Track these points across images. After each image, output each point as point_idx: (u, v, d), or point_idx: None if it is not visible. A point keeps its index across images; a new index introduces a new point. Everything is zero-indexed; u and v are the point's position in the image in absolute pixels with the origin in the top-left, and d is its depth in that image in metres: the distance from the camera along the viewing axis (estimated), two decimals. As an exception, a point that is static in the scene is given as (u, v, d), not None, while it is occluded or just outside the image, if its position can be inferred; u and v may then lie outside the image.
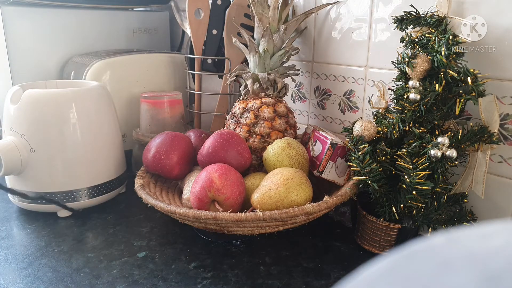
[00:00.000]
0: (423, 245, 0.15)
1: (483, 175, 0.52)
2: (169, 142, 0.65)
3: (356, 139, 0.55)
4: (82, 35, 0.91)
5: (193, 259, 0.55)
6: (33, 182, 0.63)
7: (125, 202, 0.72)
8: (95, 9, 0.93)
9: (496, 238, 0.14)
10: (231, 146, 0.61)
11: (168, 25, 1.08)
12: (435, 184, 0.50)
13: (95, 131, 0.65)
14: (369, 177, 0.53)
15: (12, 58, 0.82)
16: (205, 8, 0.82)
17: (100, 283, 0.49)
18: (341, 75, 0.72)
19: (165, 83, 0.89)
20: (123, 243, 0.58)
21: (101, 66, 0.79)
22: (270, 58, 0.68)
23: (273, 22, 0.67)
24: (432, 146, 0.49)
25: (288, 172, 0.56)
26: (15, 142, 0.62)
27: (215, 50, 0.84)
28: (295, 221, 0.53)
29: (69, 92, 0.63)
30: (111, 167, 0.69)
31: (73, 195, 0.64)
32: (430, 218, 0.53)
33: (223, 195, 0.54)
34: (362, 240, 0.58)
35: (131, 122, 0.83)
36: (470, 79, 0.48)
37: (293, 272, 0.53)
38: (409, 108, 0.52)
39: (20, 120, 0.62)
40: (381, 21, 0.64)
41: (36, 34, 0.84)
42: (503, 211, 0.55)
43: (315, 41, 0.75)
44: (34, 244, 0.58)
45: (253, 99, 0.68)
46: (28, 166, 0.62)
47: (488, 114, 0.50)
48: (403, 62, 0.52)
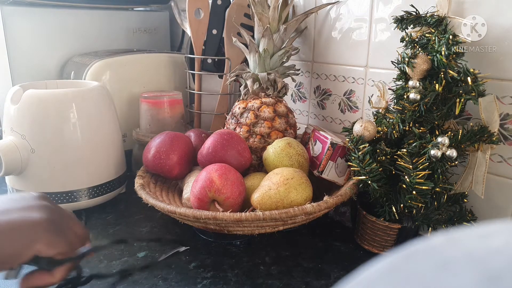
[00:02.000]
0: (423, 245, 0.15)
1: (483, 175, 0.52)
2: (169, 142, 0.65)
3: (356, 139, 0.55)
4: (82, 35, 0.91)
5: (193, 259, 0.55)
6: (33, 182, 0.63)
7: (125, 202, 0.72)
8: (95, 9, 0.93)
9: (496, 238, 0.14)
10: (231, 146, 0.61)
11: (168, 25, 1.08)
12: (435, 184, 0.50)
13: (95, 131, 0.65)
14: (369, 177, 0.53)
15: (12, 58, 0.82)
16: (205, 8, 0.82)
17: (100, 283, 0.49)
18: (341, 75, 0.72)
19: (165, 83, 0.89)
20: (123, 243, 0.58)
21: (101, 66, 0.79)
22: (270, 58, 0.68)
23: (273, 22, 0.67)
24: (432, 146, 0.49)
25: (288, 172, 0.56)
26: (16, 142, 0.62)
27: (215, 50, 0.84)
28: (295, 221, 0.53)
29: (69, 92, 0.63)
30: (111, 167, 0.68)
31: (73, 196, 0.64)
32: (430, 218, 0.53)
33: (223, 195, 0.54)
34: (362, 240, 0.58)
35: (131, 122, 0.83)
36: (470, 79, 0.48)
37: (293, 272, 0.53)
38: (409, 108, 0.52)
39: (20, 120, 0.62)
40: (381, 21, 0.64)
41: (36, 34, 0.84)
42: (503, 211, 0.55)
43: (315, 41, 0.75)
44: (34, 244, 0.58)
45: (253, 99, 0.68)
46: (28, 166, 0.62)
47: (488, 114, 0.50)
48: (403, 62, 0.52)
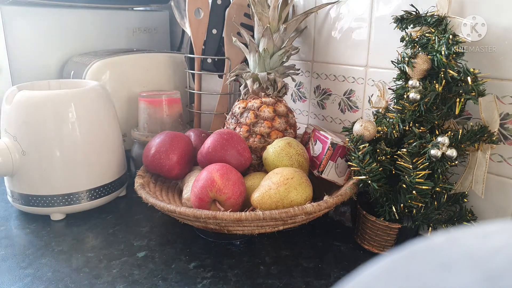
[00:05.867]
0: (423, 245, 0.15)
1: (483, 175, 0.52)
2: (169, 141, 0.65)
3: (356, 138, 0.55)
4: (82, 35, 0.91)
5: (193, 259, 0.55)
6: (28, 184, 0.62)
7: (125, 201, 0.72)
8: (95, 9, 0.93)
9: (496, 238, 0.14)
10: (231, 146, 0.61)
11: (168, 25, 1.08)
12: (435, 184, 0.50)
13: (94, 132, 0.64)
14: (369, 176, 0.53)
15: (12, 58, 0.82)
16: (205, 7, 0.82)
17: (100, 282, 0.49)
18: (341, 74, 0.72)
19: (165, 82, 0.89)
20: (123, 243, 0.58)
21: (101, 65, 0.79)
22: (270, 57, 0.68)
23: (273, 22, 0.67)
24: (432, 145, 0.49)
25: (288, 171, 0.56)
26: (7, 144, 0.61)
27: (215, 49, 0.84)
28: (295, 220, 0.53)
29: (62, 93, 0.61)
30: (112, 168, 0.68)
31: (74, 198, 0.64)
32: (430, 218, 0.53)
33: (224, 195, 0.54)
34: (362, 240, 0.58)
35: (131, 122, 0.83)
36: (470, 79, 0.48)
37: (293, 272, 0.53)
38: (409, 108, 0.52)
39: (12, 121, 0.61)
40: (381, 21, 0.64)
41: (36, 34, 0.84)
42: (503, 211, 0.55)
43: (315, 40, 0.75)
44: (33, 244, 0.58)
45: (253, 98, 0.68)
46: (20, 168, 0.61)
47: (488, 114, 0.50)
48: (403, 62, 0.52)
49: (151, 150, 0.65)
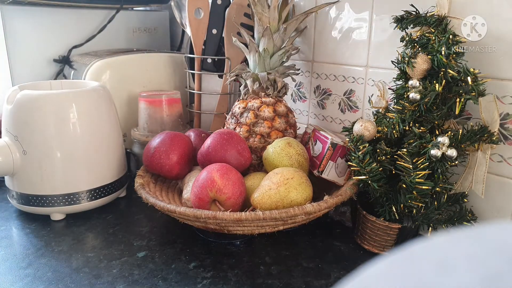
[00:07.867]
0: (423, 245, 0.15)
1: (483, 175, 0.52)
2: (169, 141, 0.65)
3: (356, 138, 0.55)
4: (82, 35, 0.91)
5: (193, 259, 0.55)
6: (28, 184, 0.62)
7: (125, 201, 0.72)
8: (95, 9, 0.93)
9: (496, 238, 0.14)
10: (231, 146, 0.61)
11: (168, 25, 1.08)
12: (435, 184, 0.50)
13: (95, 132, 0.64)
14: (369, 176, 0.53)
15: (12, 58, 0.82)
16: (205, 7, 0.82)
17: (100, 282, 0.49)
18: (341, 74, 0.72)
19: (165, 82, 0.89)
20: (123, 243, 0.58)
21: (101, 65, 0.79)
22: (270, 57, 0.68)
23: (273, 22, 0.67)
24: (432, 145, 0.49)
25: (288, 171, 0.56)
26: (8, 143, 0.61)
27: (215, 49, 0.84)
28: (295, 220, 0.53)
29: (63, 94, 0.62)
30: (112, 168, 0.68)
31: (75, 198, 0.64)
32: (430, 218, 0.53)
33: (224, 195, 0.54)
34: (362, 240, 0.58)
35: (132, 122, 0.83)
36: (470, 79, 0.48)
37: (293, 272, 0.53)
38: (409, 108, 0.52)
39: (13, 121, 0.61)
40: (381, 21, 0.64)
41: (36, 34, 0.84)
42: (503, 211, 0.55)
43: (315, 40, 0.75)
44: (33, 244, 0.58)
45: (253, 98, 0.68)
46: (21, 168, 0.61)
47: (488, 114, 0.50)
48: (403, 62, 0.52)
49: (151, 150, 0.65)
